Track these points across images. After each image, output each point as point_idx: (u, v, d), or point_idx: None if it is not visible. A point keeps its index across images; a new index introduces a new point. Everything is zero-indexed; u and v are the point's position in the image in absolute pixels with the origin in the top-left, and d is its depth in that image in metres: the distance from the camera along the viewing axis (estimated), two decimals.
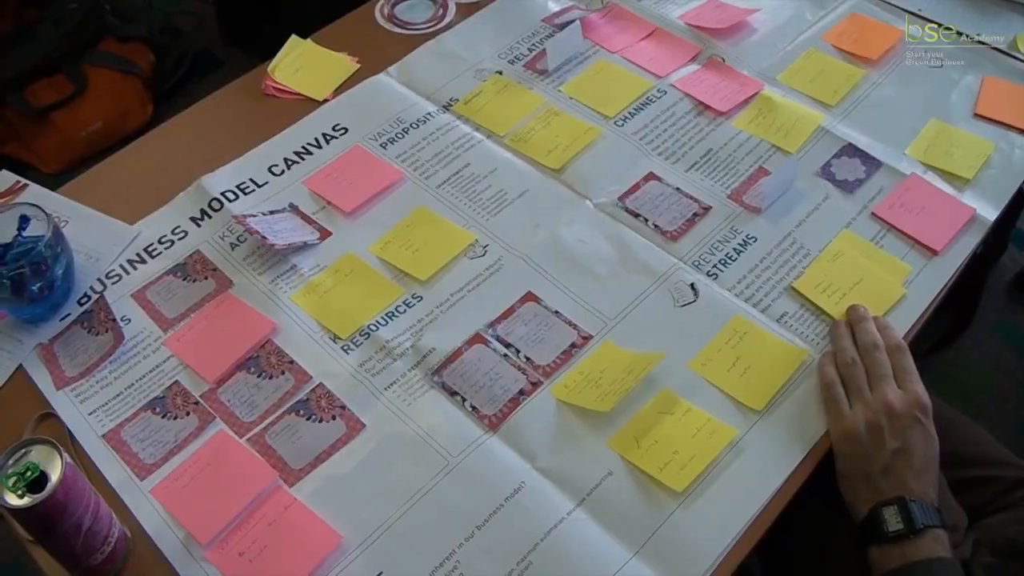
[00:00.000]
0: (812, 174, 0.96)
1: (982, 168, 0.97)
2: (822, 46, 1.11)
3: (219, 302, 0.81)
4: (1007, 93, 1.05)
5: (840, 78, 1.06)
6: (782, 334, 0.82)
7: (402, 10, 1.15)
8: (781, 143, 0.99)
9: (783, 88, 1.05)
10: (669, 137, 0.99)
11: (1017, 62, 1.10)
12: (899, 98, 1.05)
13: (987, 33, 1.12)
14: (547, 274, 0.86)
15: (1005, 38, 1.12)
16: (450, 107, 1.02)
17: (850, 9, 1.15)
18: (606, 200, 0.93)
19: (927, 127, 1.01)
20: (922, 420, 0.74)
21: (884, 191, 0.94)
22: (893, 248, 0.90)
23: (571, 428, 0.75)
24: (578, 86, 1.05)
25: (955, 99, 1.05)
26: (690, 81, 1.06)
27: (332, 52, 1.08)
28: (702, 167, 0.96)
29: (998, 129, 1.01)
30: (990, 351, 1.81)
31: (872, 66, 1.08)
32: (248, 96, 1.03)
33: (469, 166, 0.96)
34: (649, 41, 1.11)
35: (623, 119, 1.01)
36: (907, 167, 0.97)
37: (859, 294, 0.85)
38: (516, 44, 1.10)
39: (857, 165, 0.97)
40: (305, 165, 0.95)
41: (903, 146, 0.99)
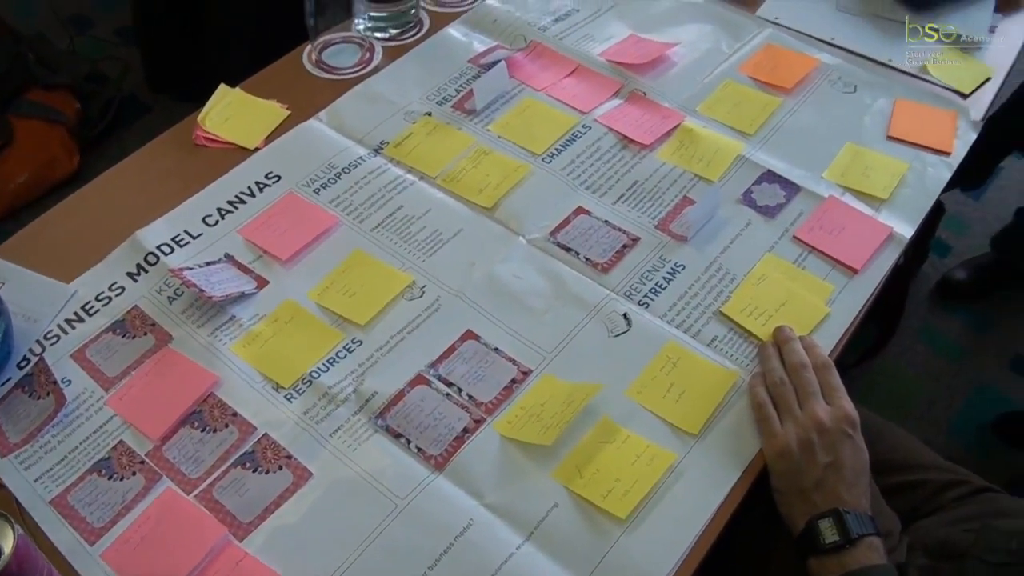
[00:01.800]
0: (734, 201, 1.00)
1: (897, 187, 1.02)
2: (739, 77, 1.15)
3: (159, 358, 0.81)
4: (918, 115, 1.11)
5: (757, 107, 1.11)
6: (713, 358, 0.85)
7: (329, 55, 1.16)
8: (703, 172, 1.03)
9: (703, 119, 1.09)
10: (596, 171, 1.02)
11: (927, 84, 1.16)
12: (815, 124, 1.10)
13: (897, 59, 1.18)
14: (485, 311, 0.88)
15: (915, 62, 1.18)
16: (381, 150, 1.04)
17: (765, 40, 1.20)
18: (538, 236, 0.95)
19: (843, 151, 1.06)
20: (851, 433, 0.77)
21: (804, 214, 0.99)
22: (815, 269, 0.94)
23: (516, 463, 0.77)
24: (506, 125, 1.07)
25: (868, 123, 1.10)
26: (613, 116, 1.09)
27: (261, 100, 1.09)
28: (629, 199, 1.00)
29: (911, 149, 1.07)
30: (916, 357, 1.88)
31: (788, 94, 1.13)
32: (179, 147, 1.03)
33: (403, 208, 0.98)
34: (572, 78, 1.14)
35: (551, 155, 1.04)
36: (825, 190, 1.01)
37: (784, 315, 0.89)
38: (444, 85, 1.13)
39: (777, 191, 1.01)
40: (239, 214, 0.96)
41: (820, 170, 1.04)
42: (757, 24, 1.23)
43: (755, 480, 0.78)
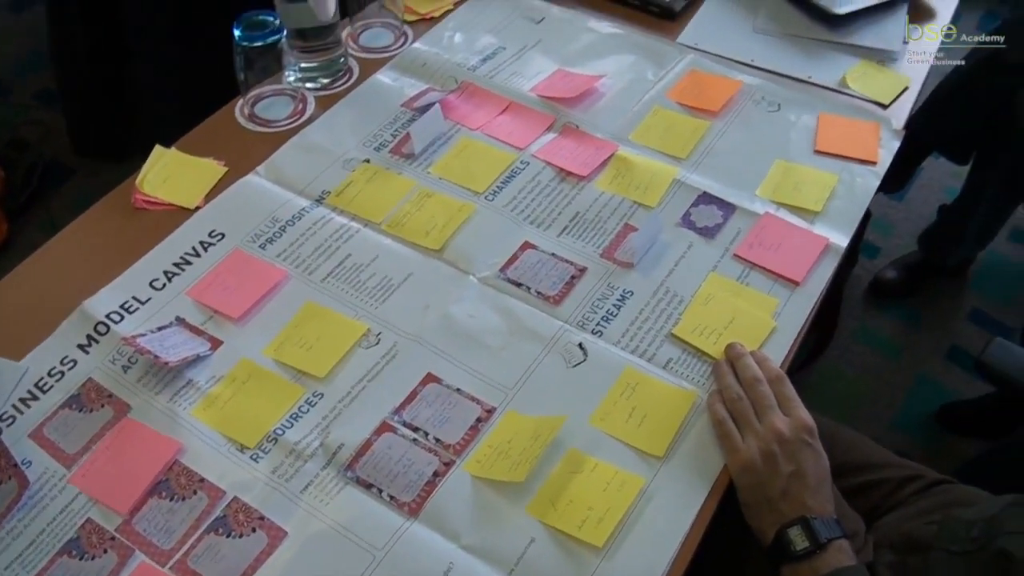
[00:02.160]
0: (674, 225, 1.03)
1: (828, 199, 1.06)
2: (667, 103, 1.19)
3: (120, 429, 0.80)
4: (842, 127, 1.15)
5: (687, 131, 1.14)
6: (670, 380, 0.87)
7: (262, 108, 1.16)
8: (641, 199, 1.05)
9: (636, 147, 1.12)
10: (538, 206, 1.04)
11: (847, 98, 1.20)
12: (744, 144, 1.13)
13: (817, 75, 1.23)
14: (443, 353, 0.88)
15: (834, 77, 1.23)
16: (323, 200, 1.04)
17: (688, 66, 1.24)
18: (489, 273, 0.96)
19: (773, 168, 1.10)
20: (810, 441, 0.80)
21: (742, 232, 1.02)
22: (758, 284, 0.97)
23: (489, 501, 0.77)
24: (445, 166, 1.09)
25: (795, 139, 1.14)
26: (549, 150, 1.11)
27: (198, 158, 1.09)
28: (572, 231, 1.01)
29: (838, 161, 1.11)
30: (855, 357, 1.94)
31: (715, 117, 1.16)
32: (118, 212, 1.02)
33: (351, 256, 0.98)
34: (506, 115, 1.16)
35: (493, 193, 1.05)
36: (760, 207, 1.05)
37: (734, 332, 0.91)
38: (379, 131, 1.14)
39: (714, 211, 1.05)
40: (186, 276, 0.95)
41: (753, 188, 1.07)
42: (679, 51, 1.27)
43: (723, 495, 0.79)
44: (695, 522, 0.77)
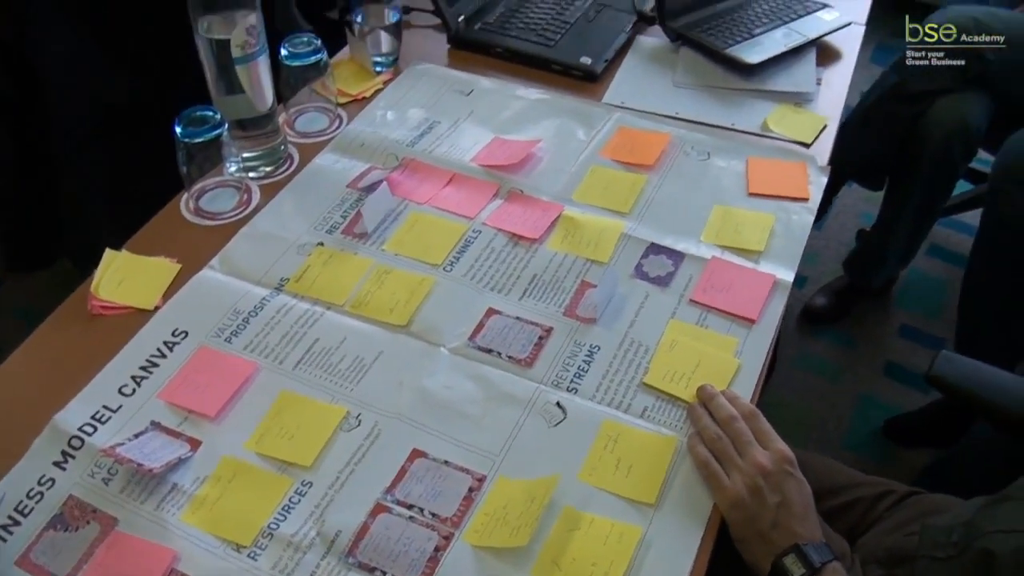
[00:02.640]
0: (629, 277, 1.06)
1: (769, 238, 1.11)
2: (603, 161, 1.23)
3: (109, 544, 0.78)
4: (771, 169, 1.22)
5: (626, 186, 1.19)
6: (649, 427, 0.90)
7: (207, 202, 1.17)
8: (593, 256, 1.09)
9: (580, 206, 1.16)
10: (496, 272, 1.07)
11: (771, 140, 1.27)
12: (681, 193, 1.18)
13: (740, 122, 1.30)
14: (425, 427, 0.89)
15: (756, 122, 1.30)
16: (283, 288, 1.05)
17: (617, 124, 1.29)
18: (458, 343, 0.98)
19: (712, 213, 1.15)
20: (791, 471, 0.83)
21: (694, 278, 1.06)
22: (717, 326, 1.01)
23: (493, 570, 0.78)
24: (399, 242, 1.11)
25: (728, 184, 1.19)
26: (498, 216, 1.14)
27: (149, 258, 1.08)
28: (532, 293, 1.04)
29: (772, 201, 1.17)
30: (797, 384, 2.00)
31: (651, 170, 1.21)
32: (76, 321, 1.00)
33: (319, 341, 0.98)
34: (451, 187, 1.19)
35: (450, 264, 1.07)
36: (706, 252, 1.09)
37: (702, 375, 0.94)
38: (329, 214, 1.15)
39: (664, 260, 1.09)
40: (155, 378, 0.94)
41: (697, 234, 1.12)
42: (606, 110, 1.33)
43: (717, 533, 0.82)
44: (695, 563, 0.79)
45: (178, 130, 1.06)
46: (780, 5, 1.51)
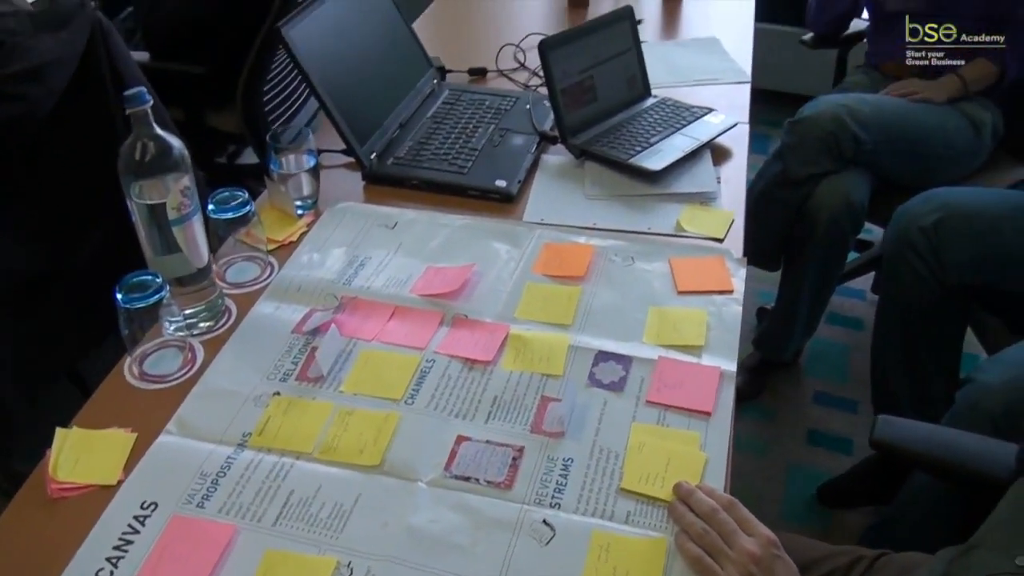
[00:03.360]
0: (584, 387, 1.10)
1: (707, 332, 1.17)
2: (536, 278, 1.28)
3: None
4: (693, 267, 1.29)
5: (563, 299, 1.24)
6: (637, 532, 0.92)
7: (151, 365, 1.15)
8: (548, 370, 1.13)
9: (524, 323, 1.20)
10: (457, 399, 1.09)
11: (687, 239, 1.35)
12: (616, 299, 1.24)
13: (655, 225, 1.38)
14: (420, 566, 0.89)
15: (669, 224, 1.38)
16: (246, 443, 1.04)
17: (541, 240, 1.35)
18: (435, 475, 0.99)
19: (649, 315, 1.21)
20: (778, 554, 0.87)
21: (646, 380, 1.11)
22: (676, 423, 1.05)
23: None
24: (356, 381, 1.12)
25: (657, 285, 1.26)
26: (448, 344, 1.17)
27: (102, 431, 1.05)
28: (497, 415, 1.07)
29: (701, 297, 1.24)
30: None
31: (582, 281, 1.27)
32: (36, 508, 0.96)
33: (294, 492, 0.98)
34: (395, 320, 1.21)
35: (411, 397, 1.09)
36: (652, 353, 1.14)
37: (674, 472, 0.98)
38: (279, 362, 1.15)
39: (614, 366, 1.13)
40: (131, 557, 0.91)
41: (639, 337, 1.17)
42: (528, 228, 1.39)
43: None
44: None
45: (119, 297, 1.06)
46: (670, 114, 1.63)
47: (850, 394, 2.23)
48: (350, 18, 1.57)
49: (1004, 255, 1.52)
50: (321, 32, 1.47)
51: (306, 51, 1.41)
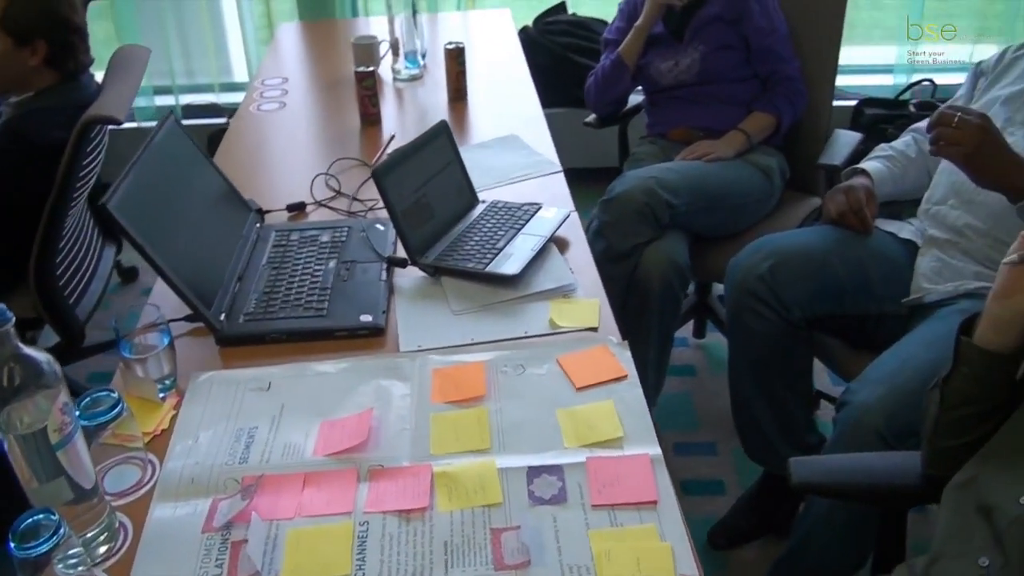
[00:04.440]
0: (529, 508, 1.09)
1: (620, 422, 1.20)
2: (438, 408, 1.26)
3: None
4: (582, 361, 1.32)
5: (473, 424, 1.22)
6: None
7: None
8: (486, 501, 1.10)
9: (444, 458, 1.17)
10: (408, 557, 1.03)
11: (565, 335, 1.38)
12: (523, 411, 1.24)
13: (531, 328, 1.40)
14: None
15: (543, 323, 1.41)
16: None
17: (428, 367, 1.33)
18: None
19: (560, 420, 1.22)
20: None
21: (583, 485, 1.11)
22: (629, 520, 1.06)
23: None
24: (294, 568, 1.03)
25: (556, 387, 1.28)
26: (375, 500, 1.11)
27: None
28: (455, 562, 1.02)
29: (601, 388, 1.27)
30: None
31: (484, 400, 1.26)
32: None
33: None
34: (310, 489, 1.14)
35: (358, 568, 1.02)
36: (579, 456, 1.15)
37: (648, 570, 0.99)
38: (202, 569, 1.04)
39: (548, 479, 1.13)
40: None
41: (560, 444, 1.18)
42: (410, 358, 1.36)
43: None
44: None
45: (12, 546, 0.93)
46: (505, 216, 1.67)
47: (705, 437, 2.34)
48: (166, 176, 1.49)
49: (838, 286, 1.67)
50: (143, 199, 1.38)
51: (136, 223, 1.31)
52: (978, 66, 1.79)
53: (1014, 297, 0.98)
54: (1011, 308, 0.99)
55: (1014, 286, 0.98)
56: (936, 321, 1.52)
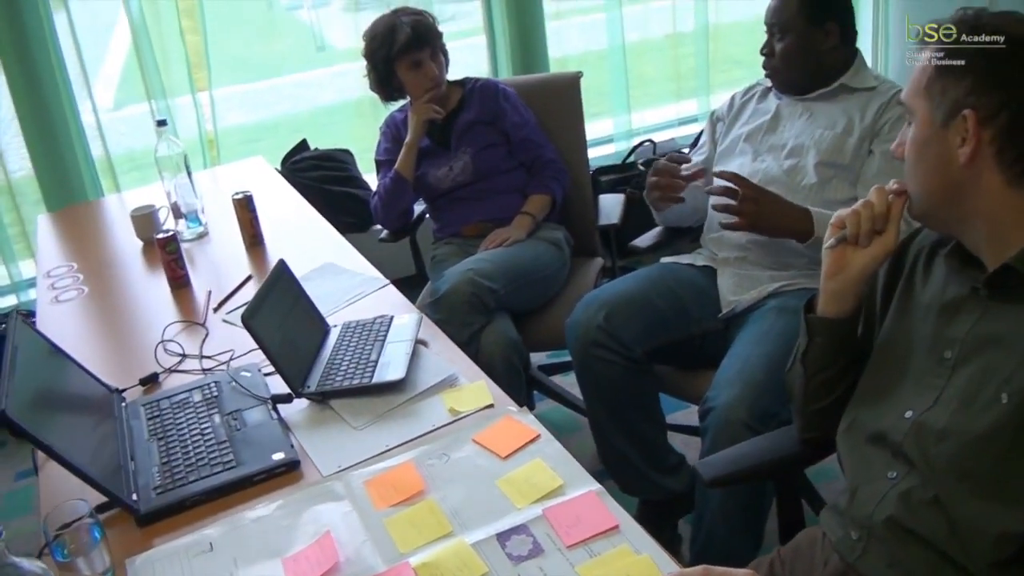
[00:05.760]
0: (514, 568, 1.19)
1: (554, 472, 1.34)
2: (387, 513, 1.32)
3: None
4: (496, 433, 1.46)
5: (427, 515, 1.30)
6: None
7: None
8: (473, 575, 1.19)
9: (416, 552, 1.24)
10: None
11: (469, 418, 1.51)
12: (467, 491, 1.34)
13: (435, 420, 1.51)
14: None
15: (443, 414, 1.53)
16: None
17: (359, 482, 1.40)
18: None
19: (503, 488, 1.33)
20: None
21: (551, 533, 1.24)
22: (604, 548, 1.20)
23: None
24: None
25: (484, 463, 1.39)
26: None
27: None
28: None
29: (523, 453, 1.40)
30: None
31: (426, 493, 1.35)
32: None
33: None
34: None
35: None
36: (535, 511, 1.28)
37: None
38: None
39: (519, 537, 1.24)
40: None
41: (513, 507, 1.29)
42: (338, 478, 1.42)
43: None
44: None
45: None
46: (364, 332, 1.77)
47: None
48: (37, 373, 1.46)
49: (662, 317, 1.93)
50: (30, 400, 1.35)
51: (34, 425, 1.29)
52: (713, 115, 2.18)
53: (841, 273, 1.25)
54: (841, 281, 1.26)
55: (838, 264, 1.26)
56: (753, 324, 1.82)
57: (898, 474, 1.16)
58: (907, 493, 1.13)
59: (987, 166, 1.06)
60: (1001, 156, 1.05)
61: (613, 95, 3.75)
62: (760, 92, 2.12)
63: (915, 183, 1.15)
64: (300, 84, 5.11)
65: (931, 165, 1.12)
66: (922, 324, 1.19)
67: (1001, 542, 1.03)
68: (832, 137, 1.91)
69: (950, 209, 1.12)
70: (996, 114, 1.04)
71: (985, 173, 1.07)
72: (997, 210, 1.07)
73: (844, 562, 1.19)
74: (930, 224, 1.19)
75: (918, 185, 1.15)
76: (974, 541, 1.06)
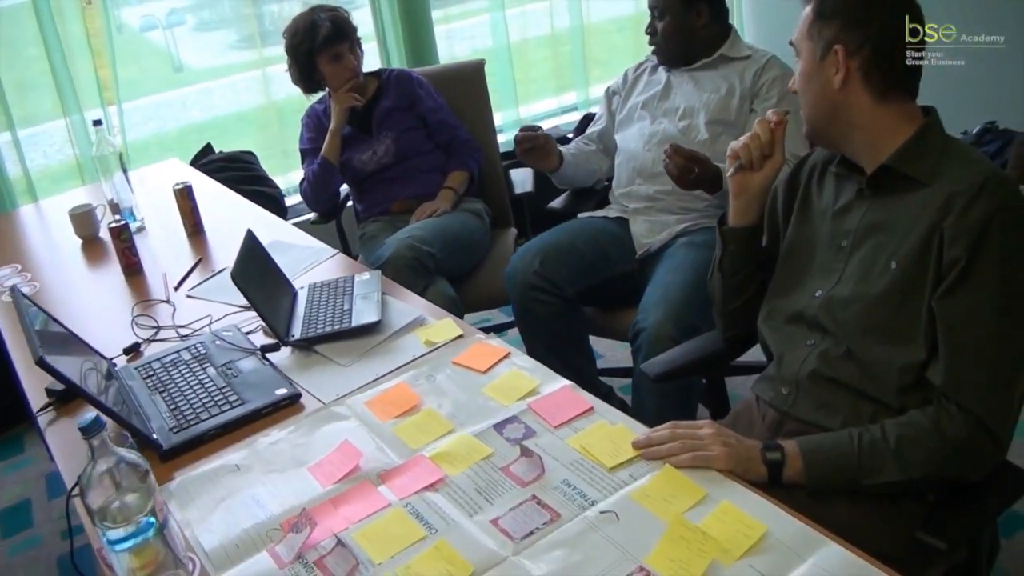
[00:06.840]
0: (512, 447, 1.42)
1: (530, 378, 1.59)
2: (392, 423, 1.54)
3: None
4: (473, 355, 1.69)
5: (429, 421, 1.52)
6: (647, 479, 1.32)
7: None
8: (481, 456, 1.41)
9: (428, 446, 1.46)
10: (456, 508, 1.32)
11: (443, 347, 1.74)
12: (455, 402, 1.58)
13: (415, 353, 1.74)
14: None
15: (420, 347, 1.75)
16: None
17: (360, 404, 1.61)
18: (509, 549, 1.24)
19: (489, 392, 1.57)
20: (722, 428, 1.36)
21: (540, 417, 1.48)
22: (584, 425, 1.46)
23: None
24: (380, 551, 1.26)
25: (468, 378, 1.63)
26: (401, 488, 1.37)
27: None
28: (493, 497, 1.33)
29: (499, 366, 1.65)
30: None
31: (422, 405, 1.57)
32: None
33: None
34: (343, 506, 1.35)
35: (431, 533, 1.29)
36: (520, 407, 1.52)
37: (621, 442, 1.39)
38: None
39: (511, 425, 1.48)
40: None
41: (501, 408, 1.53)
42: (339, 404, 1.62)
43: None
44: None
45: None
46: (332, 291, 1.97)
47: None
48: (52, 341, 1.60)
49: (586, 261, 2.23)
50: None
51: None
52: (608, 90, 2.49)
53: (744, 192, 1.56)
54: (745, 200, 1.57)
55: (740, 186, 1.56)
56: (667, 259, 2.14)
57: (815, 341, 1.47)
58: (825, 352, 1.44)
59: (857, 89, 1.38)
60: (868, 79, 1.37)
61: (501, 90, 4.04)
62: (650, 67, 2.45)
63: (805, 107, 1.47)
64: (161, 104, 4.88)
65: (815, 92, 1.43)
66: (820, 225, 1.51)
67: (903, 373, 1.35)
68: (718, 99, 2.25)
69: (833, 126, 1.43)
70: (860, 47, 1.36)
71: (856, 94, 1.39)
72: (869, 123, 1.39)
73: (779, 412, 1.49)
74: (819, 141, 1.51)
75: (807, 108, 1.47)
76: (882, 377, 1.37)
